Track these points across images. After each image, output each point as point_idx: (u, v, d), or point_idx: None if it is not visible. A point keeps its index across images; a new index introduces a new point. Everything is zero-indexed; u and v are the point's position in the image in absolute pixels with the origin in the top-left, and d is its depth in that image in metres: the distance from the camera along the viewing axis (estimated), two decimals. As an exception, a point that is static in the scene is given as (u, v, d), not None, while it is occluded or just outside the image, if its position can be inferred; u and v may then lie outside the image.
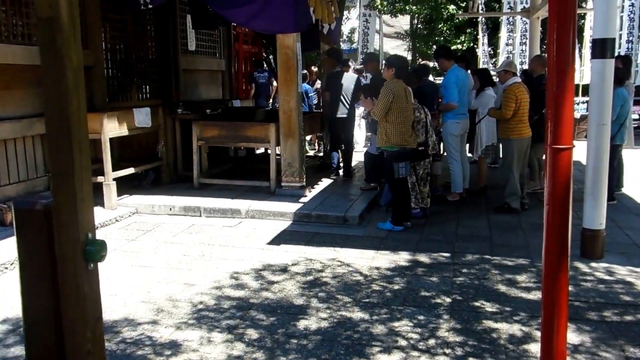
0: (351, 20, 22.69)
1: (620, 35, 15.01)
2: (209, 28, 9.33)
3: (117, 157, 7.19)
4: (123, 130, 6.64)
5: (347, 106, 7.71)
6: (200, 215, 6.35)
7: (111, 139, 6.43)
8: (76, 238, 1.73)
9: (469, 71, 7.55)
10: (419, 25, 19.95)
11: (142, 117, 6.86)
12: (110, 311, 3.69)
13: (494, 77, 7.77)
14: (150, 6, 6.87)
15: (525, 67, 13.69)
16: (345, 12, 20.28)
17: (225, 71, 10.51)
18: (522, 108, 6.25)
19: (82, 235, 1.74)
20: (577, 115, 11.95)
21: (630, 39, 15.35)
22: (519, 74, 7.74)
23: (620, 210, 6.32)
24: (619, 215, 6.17)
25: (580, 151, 5.55)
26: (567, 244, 2.02)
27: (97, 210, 6.17)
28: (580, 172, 6.34)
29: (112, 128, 6.44)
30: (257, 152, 9.15)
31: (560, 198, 1.95)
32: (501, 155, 6.75)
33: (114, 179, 6.44)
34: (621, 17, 14.90)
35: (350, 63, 8.84)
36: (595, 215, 4.70)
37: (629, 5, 15.06)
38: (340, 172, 8.08)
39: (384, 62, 6.78)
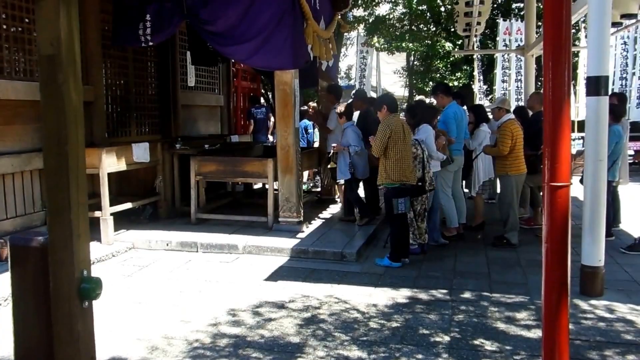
0: (349, 57, 23.04)
1: (614, 72, 15.27)
2: (208, 64, 9.47)
3: (115, 191, 7.18)
4: (121, 165, 6.66)
5: None
6: (197, 251, 6.31)
7: (109, 174, 6.44)
8: (71, 276, 1.72)
9: (465, 108, 7.64)
10: (415, 62, 20.24)
11: (141, 152, 6.88)
12: (103, 349, 3.62)
13: (488, 114, 7.86)
14: (151, 44, 6.99)
15: (521, 103, 13.88)
16: (343, 49, 20.60)
17: (224, 107, 10.61)
18: (517, 144, 6.34)
19: (78, 272, 1.73)
20: (573, 150, 12.02)
21: (624, 75, 15.59)
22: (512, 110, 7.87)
23: (618, 247, 6.30)
24: (618, 251, 6.15)
25: (577, 187, 5.59)
26: (566, 283, 2.00)
27: (93, 245, 6.14)
28: (578, 207, 6.35)
29: (111, 163, 6.45)
30: (255, 186, 9.16)
31: (558, 236, 1.95)
32: (498, 191, 6.78)
33: (112, 214, 6.43)
34: (614, 54, 15.18)
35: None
36: (593, 251, 4.69)
37: (622, 44, 15.35)
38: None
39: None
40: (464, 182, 7.56)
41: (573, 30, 15.94)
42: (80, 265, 1.74)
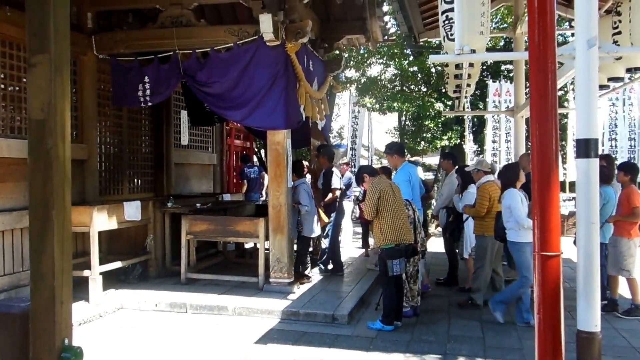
0: (341, 117, 23.38)
1: (603, 133, 15.56)
2: (206, 124, 9.60)
3: (104, 250, 7.10)
4: (112, 224, 6.61)
5: None
6: (187, 312, 6.17)
7: (100, 232, 6.39)
8: (52, 344, 1.66)
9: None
10: (407, 122, 20.56)
11: (132, 210, 6.85)
12: (84, 418, 3.47)
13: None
14: (149, 104, 7.10)
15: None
16: (335, 109, 20.94)
17: (217, 165, 10.66)
18: (495, 206, 6.41)
19: (59, 341, 1.67)
20: (565, 211, 12.07)
21: (613, 136, 15.87)
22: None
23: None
24: (614, 315, 6.07)
25: (570, 248, 5.57)
26: (560, 354, 1.96)
27: (81, 305, 6.01)
28: (571, 269, 6.30)
29: (102, 221, 6.40)
30: (247, 246, 9.08)
31: (550, 306, 1.92)
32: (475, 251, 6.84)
33: (101, 273, 6.33)
34: (610, 114, 15.50)
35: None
36: (589, 317, 4.58)
37: (610, 105, 15.70)
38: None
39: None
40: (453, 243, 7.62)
41: (561, 92, 16.32)
42: (61, 333, 1.69)
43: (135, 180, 8.42)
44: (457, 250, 7.67)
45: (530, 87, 2.44)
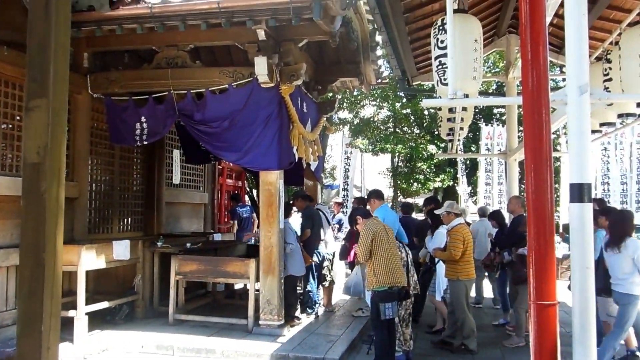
0: (333, 157, 23.51)
1: (595, 177, 15.70)
2: (201, 163, 9.61)
3: (91, 289, 6.98)
4: (100, 263, 6.51)
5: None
6: (174, 354, 6.03)
7: (87, 271, 6.29)
8: (34, 394, 1.60)
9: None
10: (399, 164, 20.69)
11: (121, 249, 6.76)
12: None
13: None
14: (145, 142, 7.11)
15: (503, 206, 14.07)
16: (328, 149, 21.06)
17: (208, 204, 10.60)
18: (468, 249, 6.40)
19: (41, 390, 1.61)
20: (559, 254, 12.04)
21: (606, 180, 16.00)
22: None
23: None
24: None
25: (565, 292, 5.51)
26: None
27: (65, 346, 5.86)
28: (566, 314, 6.23)
29: (90, 261, 6.31)
30: (237, 286, 8.95)
31: (547, 356, 1.88)
32: (449, 296, 6.78)
33: (87, 313, 6.21)
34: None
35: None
36: (585, 363, 4.53)
37: (602, 149, 15.89)
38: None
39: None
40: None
41: (554, 136, 16.53)
42: (45, 381, 1.63)
43: (126, 218, 8.34)
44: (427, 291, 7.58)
45: (525, 133, 2.46)
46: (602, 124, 6.40)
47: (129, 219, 8.42)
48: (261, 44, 6.36)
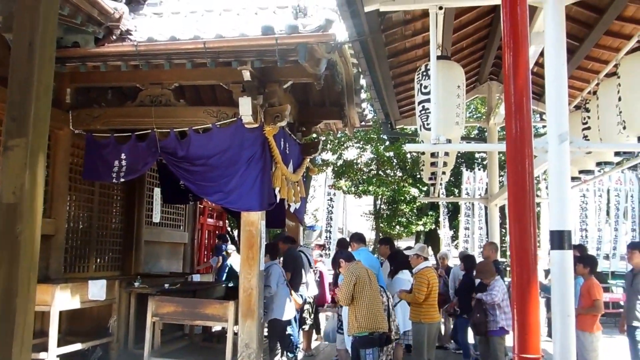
0: (316, 199, 23.47)
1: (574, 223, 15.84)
2: (180, 202, 9.51)
3: (64, 330, 6.75)
4: (75, 303, 6.34)
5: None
6: (146, 401, 5.81)
7: (61, 311, 6.10)
8: None
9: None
10: (382, 206, 20.71)
11: (97, 289, 6.59)
12: None
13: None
14: (122, 180, 7.01)
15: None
16: (311, 191, 21.02)
17: (188, 244, 10.45)
18: (433, 292, 6.41)
19: None
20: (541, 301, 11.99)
21: (584, 227, 16.16)
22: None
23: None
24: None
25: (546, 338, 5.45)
26: None
27: (31, 392, 5.61)
28: (547, 362, 6.15)
29: (64, 300, 6.14)
30: (215, 329, 8.74)
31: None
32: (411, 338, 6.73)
33: (58, 356, 5.99)
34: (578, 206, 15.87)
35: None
36: (567, 413, 4.44)
37: (580, 196, 16.10)
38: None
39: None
40: None
41: (535, 180, 16.81)
42: None
43: (103, 257, 8.16)
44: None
45: (508, 180, 2.45)
46: (581, 172, 6.48)
47: (107, 257, 8.25)
48: (246, 84, 6.38)
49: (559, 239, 4.58)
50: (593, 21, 5.44)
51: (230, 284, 8.60)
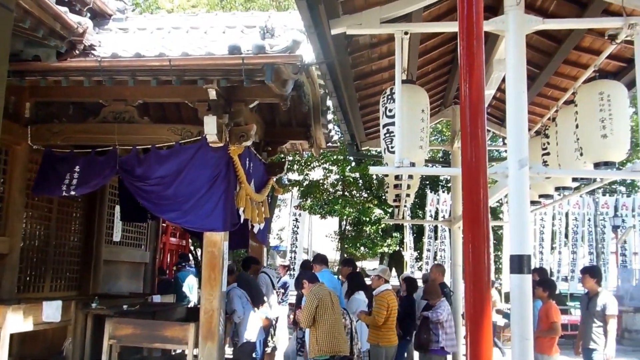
0: (281, 219, 23.36)
1: (534, 246, 16.18)
2: (138, 220, 9.28)
3: (15, 353, 6.50)
4: (28, 325, 6.08)
5: None
6: None
7: (12, 334, 5.85)
8: None
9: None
10: (347, 227, 20.74)
11: (52, 310, 6.35)
12: None
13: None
14: (73, 193, 6.79)
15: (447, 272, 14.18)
16: (276, 210, 20.93)
17: (149, 264, 10.22)
18: (392, 316, 6.49)
19: None
20: (501, 322, 12.13)
21: (540, 250, 16.50)
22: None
23: None
24: None
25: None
26: None
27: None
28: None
29: (15, 323, 5.89)
30: (175, 352, 8.53)
31: None
32: None
33: (6, 381, 5.74)
34: (534, 229, 16.20)
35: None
36: None
37: (540, 220, 16.45)
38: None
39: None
40: None
41: (496, 204, 17.00)
42: None
43: (60, 276, 7.90)
44: None
45: (463, 204, 2.47)
46: (541, 196, 6.62)
47: (64, 277, 7.99)
48: (212, 103, 6.33)
49: (519, 263, 4.64)
50: (553, 50, 5.60)
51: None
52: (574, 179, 5.60)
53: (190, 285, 10.62)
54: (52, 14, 5.20)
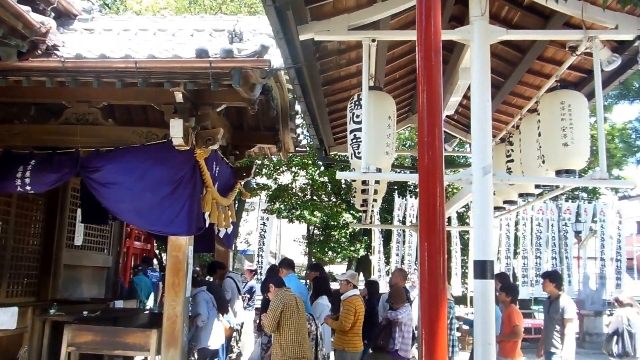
0: (249, 222, 23.21)
1: (499, 250, 16.45)
2: (99, 223, 9.08)
3: (-33, 362, 6.28)
4: (-20, 332, 5.90)
5: None
6: None
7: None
8: None
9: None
10: (315, 231, 20.72)
11: (7, 317, 6.18)
12: None
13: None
14: (29, 189, 6.54)
15: (415, 277, 14.29)
16: (244, 214, 20.78)
17: (112, 268, 10.02)
18: (359, 321, 6.49)
19: None
20: (466, 327, 12.27)
21: (508, 255, 16.77)
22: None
23: None
24: None
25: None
26: None
27: None
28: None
29: (-33, 330, 5.70)
30: (137, 359, 8.37)
31: None
32: None
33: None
34: (500, 234, 16.47)
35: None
36: None
37: (505, 225, 16.71)
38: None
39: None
40: None
41: (463, 209, 17.16)
42: None
43: (17, 281, 7.65)
44: None
45: (420, 209, 2.48)
46: (505, 202, 6.72)
47: (21, 282, 7.74)
48: (178, 106, 6.24)
49: (482, 269, 4.70)
50: (517, 60, 5.69)
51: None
52: (537, 186, 5.70)
53: (146, 290, 10.42)
54: (13, 13, 5.07)
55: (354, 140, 4.91)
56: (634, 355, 6.98)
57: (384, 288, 11.81)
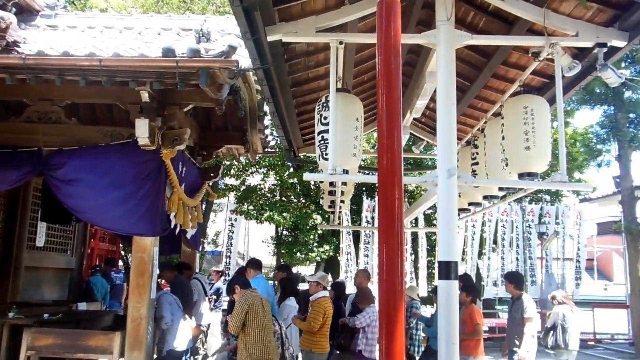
0: (217, 223, 23.03)
1: (471, 250, 16.72)
2: (61, 222, 8.87)
3: None
4: None
5: None
6: None
7: None
8: None
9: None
10: (284, 232, 20.66)
11: (-36, 320, 5.99)
12: None
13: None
14: None
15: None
16: (212, 215, 20.61)
17: (75, 270, 9.81)
18: (327, 322, 6.55)
19: None
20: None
21: (472, 256, 17.05)
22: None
23: None
24: None
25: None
26: None
27: None
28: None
29: None
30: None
31: None
32: None
33: None
34: (465, 235, 16.72)
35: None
36: None
37: (471, 226, 16.98)
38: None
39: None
40: None
41: (430, 211, 17.32)
42: None
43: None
44: None
45: (379, 211, 2.51)
46: (470, 203, 6.83)
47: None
48: (144, 105, 6.15)
49: (446, 270, 4.77)
50: (482, 64, 5.79)
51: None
52: (500, 188, 5.81)
53: (102, 290, 10.24)
54: (-29, 8, 4.92)
55: (322, 142, 4.93)
56: (564, 348, 7.38)
57: (352, 289, 11.86)
